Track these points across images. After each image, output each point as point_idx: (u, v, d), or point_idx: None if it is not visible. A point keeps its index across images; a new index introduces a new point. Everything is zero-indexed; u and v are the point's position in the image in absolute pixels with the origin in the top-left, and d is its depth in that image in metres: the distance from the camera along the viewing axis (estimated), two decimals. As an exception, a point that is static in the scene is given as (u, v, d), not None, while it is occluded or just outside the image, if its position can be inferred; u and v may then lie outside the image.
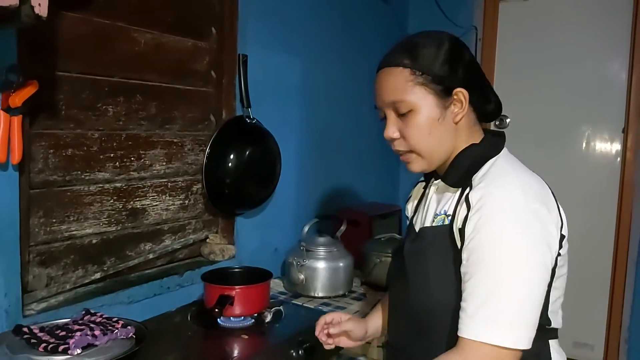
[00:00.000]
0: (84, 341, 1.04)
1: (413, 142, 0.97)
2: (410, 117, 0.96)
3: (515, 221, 0.86)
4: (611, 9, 2.59)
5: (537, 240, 0.87)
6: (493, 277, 0.86)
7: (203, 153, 1.69)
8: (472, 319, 0.86)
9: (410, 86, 0.96)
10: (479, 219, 0.88)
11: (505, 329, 0.84)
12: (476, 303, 0.86)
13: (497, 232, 0.86)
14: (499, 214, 0.87)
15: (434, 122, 0.96)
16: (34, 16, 0.89)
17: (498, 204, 0.88)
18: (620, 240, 2.58)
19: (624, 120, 2.57)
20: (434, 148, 0.98)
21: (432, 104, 0.96)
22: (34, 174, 1.27)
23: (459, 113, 0.97)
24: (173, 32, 1.59)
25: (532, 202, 0.89)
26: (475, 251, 0.88)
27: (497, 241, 0.86)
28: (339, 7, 2.33)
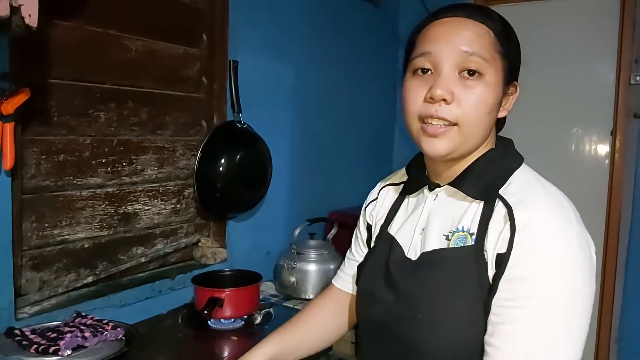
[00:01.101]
0: (74, 342, 1.07)
1: (468, 112, 0.79)
2: (478, 83, 0.79)
3: (572, 253, 0.74)
4: (599, 13, 2.62)
5: (590, 272, 0.75)
6: (550, 316, 0.72)
7: (194, 158, 1.72)
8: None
9: (493, 50, 0.80)
10: (531, 246, 0.73)
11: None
12: (537, 347, 0.71)
13: (553, 264, 0.72)
14: (556, 242, 0.73)
15: (496, 103, 0.82)
16: (24, 26, 0.92)
17: (553, 229, 0.74)
18: (609, 242, 2.61)
19: (612, 122, 2.60)
20: (479, 130, 0.81)
21: (500, 84, 0.82)
22: (26, 180, 1.30)
23: (507, 108, 0.87)
24: (164, 39, 1.62)
25: (580, 226, 0.78)
26: (528, 283, 0.72)
27: (553, 274, 0.72)
28: (330, 12, 2.36)
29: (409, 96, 0.83)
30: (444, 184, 0.88)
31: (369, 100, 2.68)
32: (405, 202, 0.98)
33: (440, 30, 0.82)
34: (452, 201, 0.87)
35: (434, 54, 0.81)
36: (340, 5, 2.45)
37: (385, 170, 2.93)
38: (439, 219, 0.86)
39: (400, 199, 0.99)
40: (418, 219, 0.90)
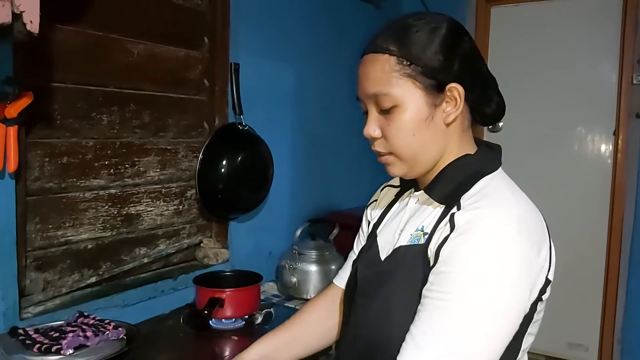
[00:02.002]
0: (76, 342, 1.09)
1: (395, 144, 0.84)
2: (394, 114, 0.83)
3: (499, 259, 0.73)
4: (601, 13, 2.63)
5: (516, 284, 0.75)
6: (456, 313, 0.73)
7: (196, 159, 1.74)
8: (419, 350, 0.74)
9: (395, 78, 0.82)
10: (460, 244, 0.75)
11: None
12: (429, 335, 0.74)
13: (475, 265, 0.74)
14: (484, 245, 0.74)
15: (420, 122, 0.82)
16: (26, 32, 0.93)
17: (486, 233, 0.75)
18: (613, 241, 2.61)
19: (615, 123, 2.60)
20: (418, 152, 0.84)
21: (420, 100, 0.82)
22: (30, 182, 1.32)
23: (452, 113, 0.83)
24: (166, 42, 1.64)
25: (523, 240, 0.75)
26: (446, 278, 0.75)
27: (472, 275, 0.73)
28: (330, 14, 2.38)
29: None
30: (422, 189, 0.92)
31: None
32: (396, 204, 1.01)
33: (359, 73, 0.89)
34: (425, 206, 0.89)
35: (361, 99, 0.90)
36: (341, 7, 2.46)
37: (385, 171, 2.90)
38: (412, 222, 0.90)
39: (394, 201, 1.03)
40: (400, 221, 0.93)
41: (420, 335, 0.75)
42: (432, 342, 0.73)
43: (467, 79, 0.83)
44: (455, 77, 0.82)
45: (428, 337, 0.74)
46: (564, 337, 2.74)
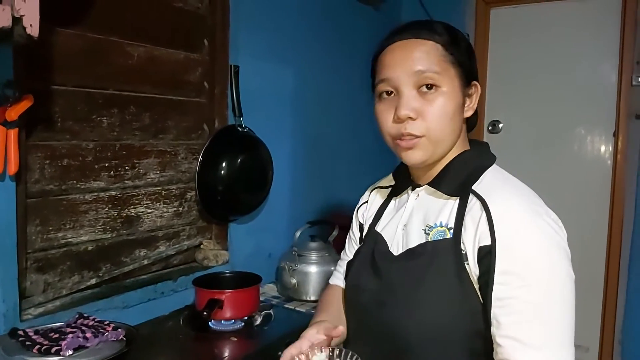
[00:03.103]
0: (75, 343, 1.09)
1: (432, 125, 0.87)
2: (437, 97, 0.87)
3: (547, 238, 0.82)
4: (600, 14, 2.63)
5: (565, 252, 0.84)
6: (542, 299, 0.80)
7: (196, 161, 1.74)
8: (540, 351, 0.79)
9: (443, 62, 0.88)
10: (511, 238, 0.81)
11: (563, 352, 0.80)
12: (531, 329, 0.80)
13: (535, 251, 0.81)
14: (532, 232, 0.82)
15: (458, 108, 0.90)
16: (26, 36, 0.95)
17: (526, 220, 0.82)
18: (613, 242, 2.61)
19: (615, 124, 2.60)
20: (447, 136, 0.90)
21: (457, 88, 0.89)
22: (30, 184, 1.33)
23: (471, 108, 0.93)
24: (166, 45, 1.64)
25: (551, 216, 0.86)
26: (516, 274, 0.80)
27: (538, 261, 0.80)
28: (330, 16, 2.39)
29: (380, 118, 0.93)
30: (424, 185, 0.96)
31: (369, 104, 2.69)
32: (392, 203, 1.05)
33: (394, 56, 0.90)
34: (431, 199, 0.94)
35: (393, 79, 0.89)
36: (341, 9, 2.47)
37: (386, 173, 2.93)
38: (419, 216, 0.94)
39: (388, 200, 1.07)
40: (401, 216, 0.97)
41: (532, 336, 0.79)
42: (547, 338, 0.79)
43: (479, 81, 0.94)
44: (475, 76, 0.93)
45: (541, 335, 0.80)
46: (565, 338, 2.74)
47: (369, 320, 0.95)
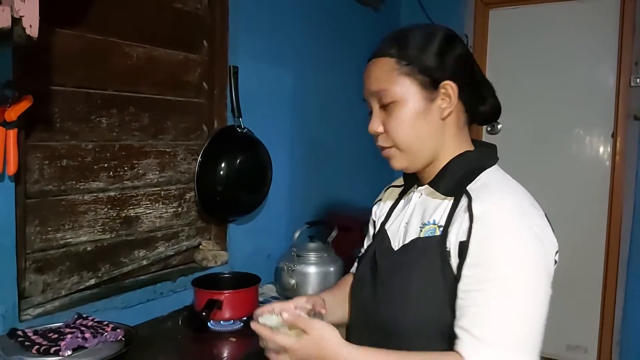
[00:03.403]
0: (74, 343, 1.09)
1: (395, 136, 0.93)
2: (394, 109, 0.92)
3: (524, 239, 0.83)
4: (599, 15, 2.64)
5: (543, 259, 0.84)
6: (506, 297, 0.81)
7: (195, 162, 1.74)
8: (489, 346, 0.80)
9: (395, 76, 0.92)
10: (487, 234, 0.83)
11: (519, 353, 0.80)
12: (488, 325, 0.81)
13: (507, 249, 0.82)
14: (508, 230, 0.83)
15: (418, 115, 0.92)
16: (26, 37, 0.95)
17: (505, 219, 0.84)
18: (611, 243, 2.62)
19: (613, 125, 2.61)
20: (416, 143, 0.93)
21: (418, 95, 0.91)
22: (30, 184, 1.33)
23: (447, 108, 0.92)
24: (165, 45, 1.65)
25: (536, 221, 0.86)
26: (483, 268, 0.82)
27: (508, 259, 0.82)
28: (329, 17, 2.39)
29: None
30: (426, 184, 1.00)
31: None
32: (401, 201, 1.09)
33: (364, 77, 0.98)
34: (430, 199, 0.98)
35: (365, 98, 0.99)
36: (340, 10, 2.47)
37: (385, 174, 2.94)
38: (418, 214, 0.98)
39: (399, 199, 1.11)
40: (405, 214, 1.02)
41: (479, 327, 0.81)
42: (494, 329, 0.80)
43: (461, 78, 0.93)
44: (449, 75, 0.92)
45: (487, 326, 0.81)
46: (563, 339, 2.74)
47: (367, 314, 0.99)
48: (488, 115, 1.01)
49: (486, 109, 0.99)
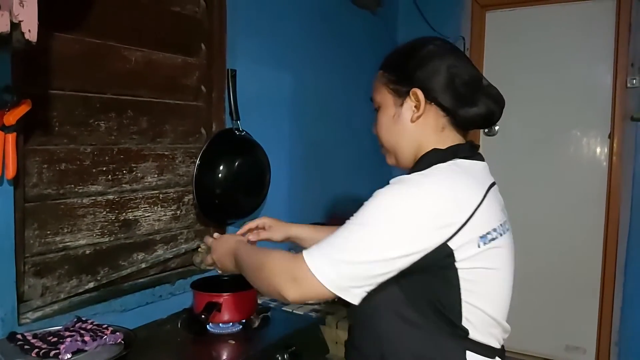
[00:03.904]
0: (73, 346, 1.10)
1: (379, 137, 1.09)
2: (378, 114, 1.08)
3: (393, 193, 0.91)
4: (595, 16, 2.65)
5: (397, 220, 0.88)
6: (350, 227, 0.92)
7: (194, 165, 1.75)
8: (318, 247, 0.92)
9: (378, 86, 1.07)
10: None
11: (318, 252, 0.90)
12: (328, 240, 0.92)
13: (374, 198, 0.92)
14: (385, 192, 0.92)
15: (389, 119, 1.05)
16: (25, 41, 0.95)
17: (391, 186, 0.93)
18: (609, 244, 2.62)
19: (610, 125, 2.62)
20: (393, 143, 1.06)
21: (390, 102, 1.05)
22: (28, 188, 1.33)
23: (415, 112, 1.01)
24: (163, 49, 1.65)
25: (418, 197, 0.90)
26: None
27: (370, 202, 0.92)
28: (327, 20, 2.40)
29: None
30: None
31: (367, 107, 2.70)
32: None
33: None
34: None
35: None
36: (338, 13, 2.48)
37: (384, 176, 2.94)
38: None
39: None
40: None
41: (324, 241, 0.92)
42: (329, 244, 0.91)
43: (433, 85, 1.00)
44: (418, 83, 1.00)
45: (327, 241, 0.92)
46: (562, 340, 2.75)
47: None
48: (473, 119, 1.02)
49: (469, 113, 1.01)
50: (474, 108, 1.01)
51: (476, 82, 1.03)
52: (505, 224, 0.99)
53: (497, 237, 0.94)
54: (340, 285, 0.88)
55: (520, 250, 2.97)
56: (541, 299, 2.78)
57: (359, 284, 0.88)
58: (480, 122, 1.03)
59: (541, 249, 2.75)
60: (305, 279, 0.89)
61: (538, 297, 2.78)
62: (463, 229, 0.89)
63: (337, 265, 0.88)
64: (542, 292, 2.78)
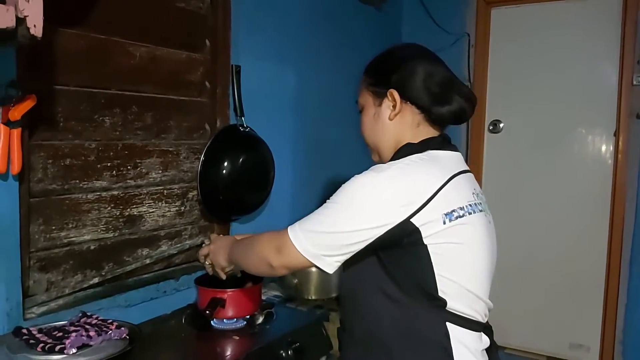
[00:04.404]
0: (79, 341, 1.10)
1: (363, 136, 1.20)
2: (361, 115, 1.19)
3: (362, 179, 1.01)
4: (601, 14, 2.64)
5: (363, 199, 0.98)
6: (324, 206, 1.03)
7: (198, 161, 1.75)
8: (296, 223, 1.04)
9: (361, 90, 1.19)
10: None
11: (297, 225, 1.03)
12: (306, 217, 1.04)
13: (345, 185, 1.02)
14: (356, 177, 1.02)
15: (370, 119, 1.16)
16: (30, 36, 0.95)
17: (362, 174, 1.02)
18: (614, 242, 2.61)
19: (615, 123, 2.61)
20: (374, 141, 1.16)
21: (370, 103, 1.15)
22: (33, 183, 1.33)
23: (392, 111, 1.11)
24: (167, 45, 1.65)
25: (380, 181, 0.99)
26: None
27: (342, 187, 1.02)
28: (331, 16, 2.39)
29: None
30: None
31: (371, 103, 2.70)
32: None
33: None
34: None
35: None
36: (342, 9, 2.47)
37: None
38: None
39: None
40: None
41: (305, 217, 1.04)
42: (308, 218, 1.03)
43: (407, 85, 1.08)
44: (394, 85, 1.10)
45: (308, 216, 1.04)
46: (566, 338, 2.74)
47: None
48: (445, 116, 1.10)
49: (443, 110, 1.09)
50: (446, 106, 1.09)
51: (449, 82, 1.10)
52: (476, 205, 1.06)
53: (464, 215, 1.01)
54: (314, 253, 1.00)
55: (525, 248, 2.97)
56: (545, 297, 2.77)
57: (330, 252, 0.99)
58: (452, 119, 1.11)
59: (546, 246, 2.74)
60: (286, 247, 1.02)
61: (542, 294, 2.77)
62: (424, 208, 0.97)
63: (311, 235, 1.00)
64: (546, 290, 2.77)
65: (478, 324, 1.05)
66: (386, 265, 1.02)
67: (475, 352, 1.03)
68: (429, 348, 1.01)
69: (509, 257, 2.50)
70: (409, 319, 1.01)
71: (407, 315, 1.01)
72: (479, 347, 1.05)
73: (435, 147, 1.08)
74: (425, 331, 1.01)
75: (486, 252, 1.06)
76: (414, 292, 1.00)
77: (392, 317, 1.02)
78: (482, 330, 1.07)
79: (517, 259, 2.75)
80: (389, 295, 1.02)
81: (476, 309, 1.04)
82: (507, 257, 2.26)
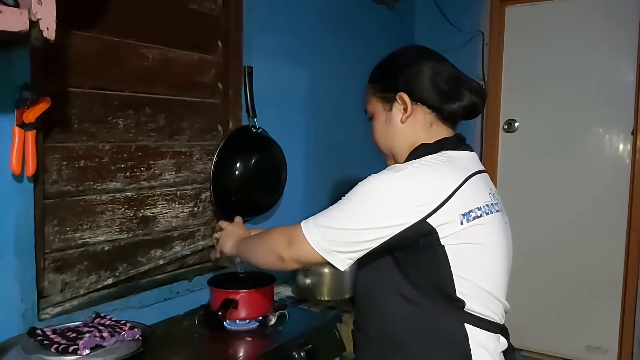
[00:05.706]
0: (92, 342, 1.11)
1: (376, 144, 1.19)
2: (372, 123, 1.18)
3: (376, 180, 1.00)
4: (617, 11, 2.59)
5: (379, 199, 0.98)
6: (338, 203, 1.03)
7: (211, 162, 1.75)
8: (310, 218, 1.05)
9: (368, 97, 1.18)
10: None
11: (311, 219, 1.04)
12: (320, 212, 1.05)
13: (361, 183, 1.02)
14: (373, 176, 1.02)
15: (382, 125, 1.15)
16: (43, 39, 0.96)
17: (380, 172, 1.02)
18: (632, 242, 2.57)
19: (633, 122, 2.56)
20: (389, 146, 1.15)
21: (380, 109, 1.15)
22: (48, 185, 1.34)
23: (404, 114, 1.10)
24: (180, 46, 1.66)
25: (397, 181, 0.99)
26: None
27: (357, 187, 1.02)
28: (344, 16, 2.38)
29: None
30: None
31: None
32: None
33: None
34: None
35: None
36: (355, 9, 2.46)
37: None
38: None
39: None
40: None
41: (320, 212, 1.05)
42: (322, 213, 1.04)
43: (415, 87, 1.08)
44: (402, 87, 1.09)
45: (322, 212, 1.05)
46: (583, 340, 2.70)
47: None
48: (459, 112, 1.10)
49: (454, 107, 1.09)
50: (457, 102, 1.08)
51: (456, 78, 1.10)
52: (492, 205, 1.05)
53: (481, 215, 1.00)
54: (326, 248, 1.00)
55: (541, 248, 2.93)
56: (561, 298, 2.73)
57: (342, 249, 0.99)
58: (465, 114, 1.11)
59: (562, 247, 2.70)
60: (298, 240, 1.02)
61: (558, 295, 2.74)
62: (441, 208, 0.96)
63: (324, 229, 1.00)
64: (563, 291, 2.73)
65: (496, 325, 1.04)
66: (402, 266, 1.01)
67: (494, 354, 1.02)
68: (448, 350, 1.00)
69: (524, 258, 2.47)
70: (426, 320, 1.01)
71: (424, 316, 1.01)
72: (498, 348, 1.04)
73: (450, 148, 1.08)
74: (443, 333, 1.00)
75: (503, 252, 1.05)
76: (432, 293, 1.00)
77: (409, 318, 1.01)
78: (500, 331, 1.05)
79: (532, 260, 2.71)
80: (405, 296, 1.01)
81: (494, 310, 1.03)
82: (523, 258, 2.23)
